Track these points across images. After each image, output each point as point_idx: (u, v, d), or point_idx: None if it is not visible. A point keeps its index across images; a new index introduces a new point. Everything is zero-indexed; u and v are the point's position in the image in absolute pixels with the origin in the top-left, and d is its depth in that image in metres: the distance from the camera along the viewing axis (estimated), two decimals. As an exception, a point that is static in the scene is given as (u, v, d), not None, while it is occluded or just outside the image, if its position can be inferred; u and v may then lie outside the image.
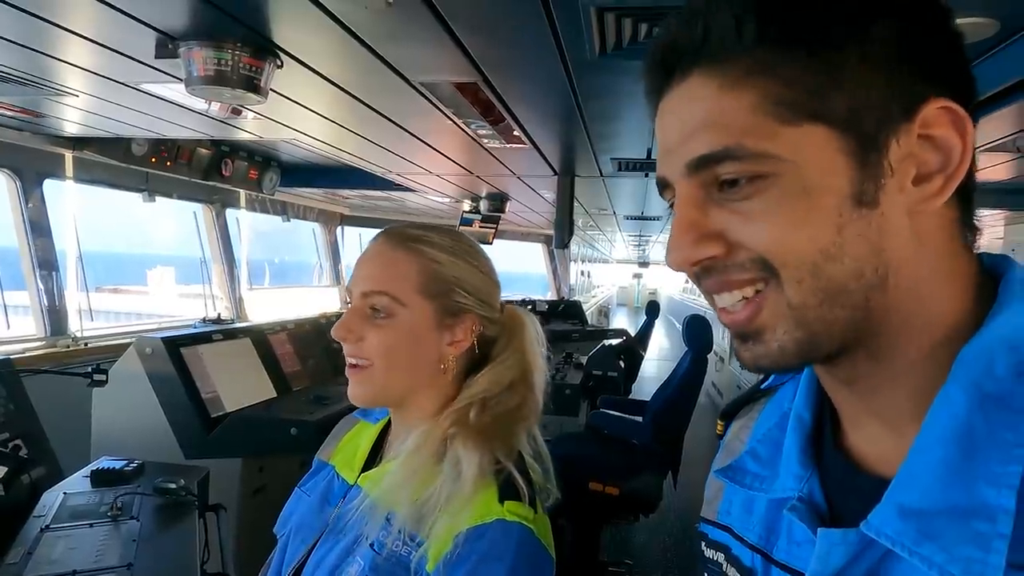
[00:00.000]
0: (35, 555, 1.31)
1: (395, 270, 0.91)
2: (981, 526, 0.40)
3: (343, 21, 1.42)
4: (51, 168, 3.23)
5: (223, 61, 1.58)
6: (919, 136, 0.43)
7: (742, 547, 0.59)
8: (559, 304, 6.86)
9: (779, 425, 0.58)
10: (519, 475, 0.85)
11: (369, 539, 0.84)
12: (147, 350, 2.47)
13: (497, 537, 0.79)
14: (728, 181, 0.45)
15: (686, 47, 0.46)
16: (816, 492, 0.52)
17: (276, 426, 2.49)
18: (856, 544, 0.45)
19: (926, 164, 0.43)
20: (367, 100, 2.15)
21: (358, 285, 0.92)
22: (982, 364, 0.42)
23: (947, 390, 0.43)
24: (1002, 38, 1.36)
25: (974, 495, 0.40)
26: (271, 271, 6.65)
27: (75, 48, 1.68)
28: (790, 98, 0.43)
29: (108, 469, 1.76)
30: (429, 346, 0.91)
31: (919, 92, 0.43)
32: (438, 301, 0.91)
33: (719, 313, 0.49)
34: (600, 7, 1.31)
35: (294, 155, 3.89)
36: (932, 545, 0.41)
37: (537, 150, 2.90)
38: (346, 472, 0.99)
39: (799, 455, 0.54)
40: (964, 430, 0.42)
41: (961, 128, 0.42)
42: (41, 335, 3.28)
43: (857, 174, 0.43)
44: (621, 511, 3.12)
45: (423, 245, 0.92)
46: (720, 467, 0.62)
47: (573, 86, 1.88)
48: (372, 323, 0.90)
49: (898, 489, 0.44)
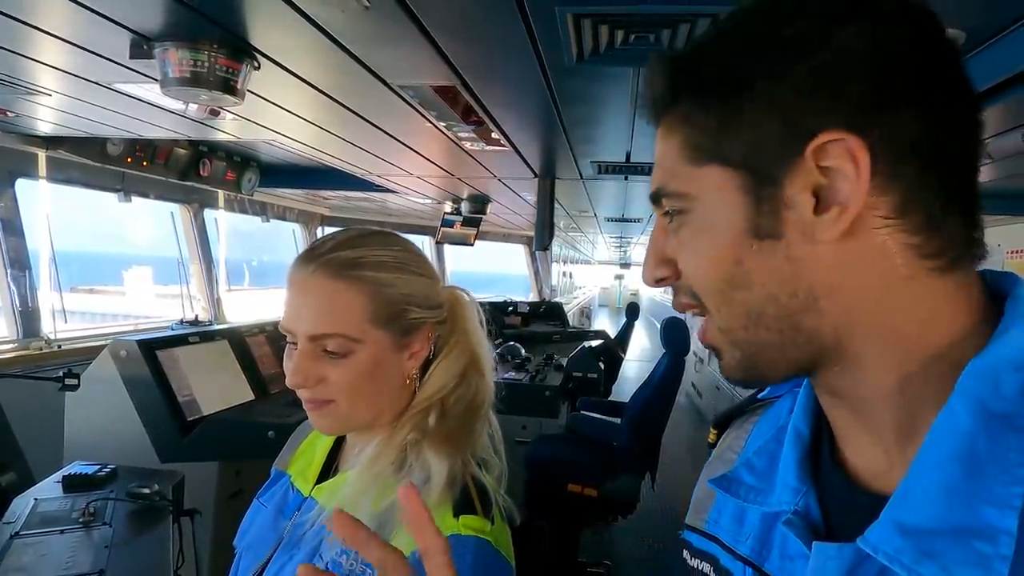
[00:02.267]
0: (4, 562, 1.29)
1: (340, 305, 0.83)
2: (983, 547, 0.39)
3: (320, 24, 1.41)
4: (24, 167, 3.17)
5: (199, 62, 1.57)
6: (820, 168, 0.44)
7: (732, 559, 0.59)
8: (540, 305, 6.87)
9: (776, 438, 0.59)
10: (475, 485, 0.83)
11: (324, 557, 0.81)
12: (122, 353, 2.44)
13: (453, 553, 0.78)
14: (670, 213, 0.51)
15: (650, 101, 0.52)
16: (812, 507, 0.52)
17: (253, 429, 2.46)
18: (851, 560, 0.45)
19: (824, 195, 0.44)
20: (346, 102, 2.14)
21: (300, 326, 0.83)
22: (987, 383, 0.42)
23: (951, 408, 0.43)
24: (968, 49, 1.39)
25: (976, 515, 0.40)
26: (250, 272, 6.59)
27: (48, 48, 1.66)
28: (698, 143, 0.48)
29: (80, 474, 1.73)
30: (391, 370, 0.87)
31: (812, 127, 0.44)
32: (393, 325, 0.85)
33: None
34: (576, 13, 1.32)
35: (274, 155, 3.86)
36: (932, 564, 0.41)
37: (517, 153, 2.90)
38: (300, 483, 0.96)
39: (796, 469, 0.54)
40: (967, 449, 0.41)
41: (852, 157, 0.43)
42: (13, 337, 3.23)
43: (753, 210, 0.46)
44: (600, 512, 3.13)
45: (364, 270, 0.84)
46: (714, 477, 0.62)
47: (552, 91, 1.89)
48: (328, 362, 0.83)
49: (897, 506, 0.44)
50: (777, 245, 0.46)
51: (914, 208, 0.44)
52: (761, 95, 0.45)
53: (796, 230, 0.45)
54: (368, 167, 3.52)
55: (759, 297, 0.47)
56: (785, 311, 0.47)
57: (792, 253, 0.46)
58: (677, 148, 0.49)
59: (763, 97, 0.45)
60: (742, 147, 0.46)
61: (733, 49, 0.48)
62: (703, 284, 0.49)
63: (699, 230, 0.49)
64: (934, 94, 0.44)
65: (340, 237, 0.88)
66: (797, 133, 0.44)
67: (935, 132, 0.44)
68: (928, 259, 0.45)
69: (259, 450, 2.44)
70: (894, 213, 0.44)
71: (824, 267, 0.45)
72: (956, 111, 0.45)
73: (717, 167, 0.47)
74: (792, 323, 0.47)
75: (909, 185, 0.44)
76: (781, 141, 0.45)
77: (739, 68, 0.46)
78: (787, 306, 0.46)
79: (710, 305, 0.49)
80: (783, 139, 0.45)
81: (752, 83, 0.45)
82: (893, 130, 0.43)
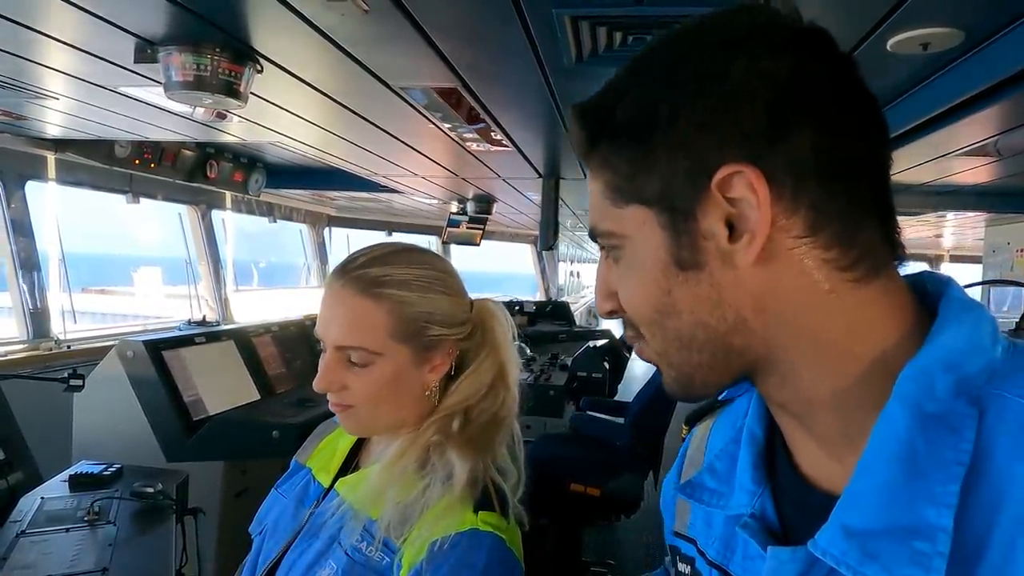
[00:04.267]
0: (10, 560, 1.31)
1: (364, 320, 0.88)
2: (921, 545, 0.41)
3: (321, 28, 1.43)
4: (33, 170, 3.21)
5: (202, 66, 1.58)
6: (727, 199, 0.46)
7: (702, 561, 0.61)
8: (547, 305, 6.85)
9: (735, 440, 0.60)
10: (494, 485, 0.87)
11: (343, 544, 0.85)
12: (128, 353, 2.46)
13: (470, 546, 0.80)
14: (606, 249, 0.54)
15: (576, 148, 0.54)
16: (768, 509, 0.54)
17: (259, 429, 2.48)
18: (804, 562, 0.46)
19: (736, 223, 0.46)
20: (349, 105, 2.16)
21: (328, 335, 0.90)
22: (921, 385, 0.43)
23: (889, 411, 0.44)
24: (967, 48, 1.39)
25: (915, 515, 0.41)
26: (258, 273, 6.63)
27: (56, 53, 1.68)
28: (617, 184, 0.51)
29: (86, 473, 1.76)
30: (411, 381, 0.91)
31: (714, 160, 0.46)
32: (413, 342, 0.90)
33: None
34: (573, 16, 1.32)
35: (280, 157, 3.89)
36: (875, 565, 0.42)
37: (521, 153, 2.91)
38: (322, 476, 1.00)
39: (751, 471, 0.56)
40: (907, 451, 0.43)
41: (751, 187, 0.45)
42: (23, 337, 3.26)
43: (674, 243, 0.48)
44: (603, 512, 3.13)
45: (388, 288, 0.89)
46: (680, 484, 0.64)
47: (552, 91, 1.89)
48: (351, 371, 0.89)
49: (843, 509, 0.45)
50: (701, 274, 0.48)
51: (825, 224, 0.46)
52: (667, 134, 0.47)
53: (716, 259, 0.47)
54: (373, 168, 3.54)
55: (688, 323, 0.49)
56: (715, 333, 0.49)
57: (716, 280, 0.48)
58: (601, 190, 0.52)
59: (669, 136, 0.47)
60: (656, 185, 0.48)
61: (641, 91, 0.49)
62: (637, 314, 0.52)
63: (630, 265, 0.51)
64: (825, 112, 0.46)
65: (372, 253, 0.93)
66: (702, 168, 0.46)
67: (831, 149, 0.45)
68: (846, 271, 0.46)
69: (264, 449, 2.47)
70: (806, 232, 0.46)
71: (747, 290, 0.47)
72: (850, 124, 0.47)
73: (637, 206, 0.49)
74: (723, 344, 0.49)
75: (814, 203, 0.45)
76: (689, 177, 0.47)
77: (646, 109, 0.48)
78: (716, 329, 0.49)
79: (645, 333, 0.52)
80: (690, 175, 0.47)
81: (658, 123, 0.47)
82: (789, 154, 0.45)
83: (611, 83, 0.52)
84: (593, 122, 0.51)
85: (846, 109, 0.47)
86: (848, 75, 0.47)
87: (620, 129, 0.50)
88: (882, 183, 0.48)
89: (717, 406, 0.69)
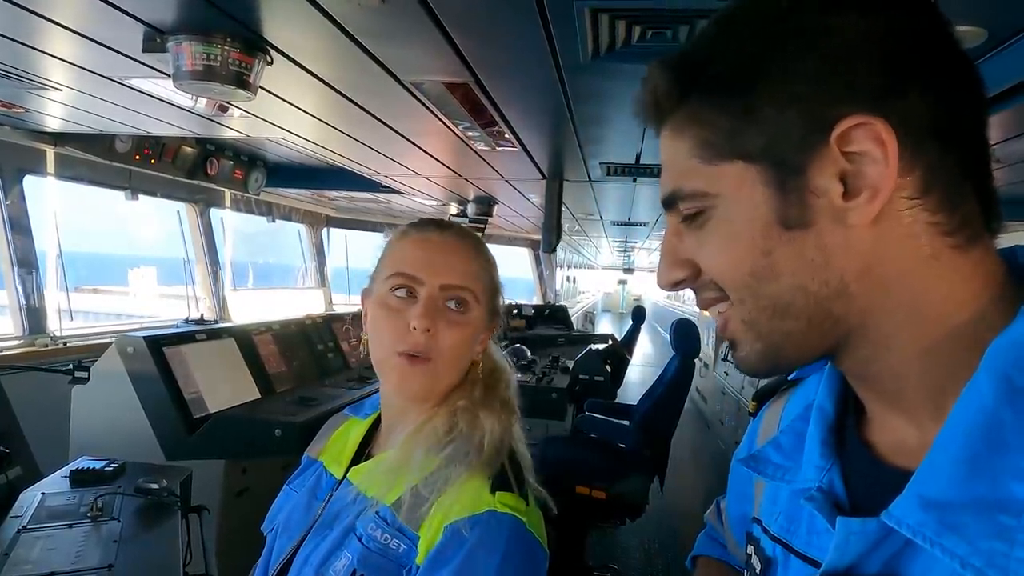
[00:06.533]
0: (12, 556, 1.28)
1: (472, 268, 0.91)
2: (1006, 520, 0.39)
3: (335, 18, 1.40)
4: (32, 164, 3.18)
5: (212, 56, 1.56)
6: (845, 154, 0.44)
7: (766, 538, 0.60)
8: (545, 308, 6.87)
9: (803, 416, 0.60)
10: (511, 465, 0.85)
11: (358, 532, 0.83)
12: (129, 349, 2.43)
13: (488, 528, 0.78)
14: (688, 215, 0.51)
15: (653, 106, 0.52)
16: (837, 483, 0.53)
17: (260, 427, 2.45)
18: (875, 534, 0.45)
19: (852, 180, 0.45)
20: (356, 99, 2.14)
21: (438, 276, 0.87)
22: (1012, 357, 0.42)
23: (976, 382, 0.43)
24: (990, 47, 1.38)
25: (1000, 488, 0.40)
26: (255, 273, 6.59)
27: (60, 40, 1.65)
28: (712, 140, 0.48)
29: (88, 469, 1.72)
30: (474, 345, 0.92)
31: (833, 113, 0.44)
32: (492, 303, 0.94)
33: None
34: (594, 8, 1.31)
35: (280, 155, 3.87)
36: (954, 537, 0.41)
37: (526, 153, 2.90)
38: (334, 468, 0.99)
39: (820, 446, 0.55)
40: (992, 423, 0.41)
41: (879, 140, 0.43)
42: (19, 334, 3.22)
43: (778, 201, 0.47)
44: (607, 515, 3.12)
45: (486, 250, 0.95)
46: (743, 456, 0.63)
47: (564, 88, 1.88)
48: (444, 318, 0.87)
49: (921, 480, 0.44)
50: (807, 234, 0.46)
51: (935, 187, 0.45)
52: (774, 88, 0.46)
53: (826, 217, 0.46)
54: (375, 166, 3.51)
55: (788, 287, 0.47)
56: (815, 299, 0.47)
57: (823, 241, 0.46)
58: (689, 148, 0.50)
59: (776, 90, 0.45)
60: (761, 141, 0.46)
61: (738, 45, 0.48)
62: (728, 279, 0.50)
63: (722, 226, 0.49)
64: (938, 69, 0.45)
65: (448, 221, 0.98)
66: (818, 122, 0.45)
67: (947, 111, 0.45)
68: (949, 236, 0.46)
69: (265, 448, 2.44)
70: (917, 193, 0.45)
71: (856, 252, 0.46)
72: (962, 89, 0.46)
73: (736, 163, 0.47)
74: (821, 311, 0.47)
75: (931, 164, 0.44)
76: (802, 131, 0.45)
77: (748, 63, 0.47)
78: (816, 294, 0.47)
79: (735, 298, 0.50)
80: (804, 129, 0.45)
81: (763, 77, 0.46)
82: (909, 112, 0.44)
83: (699, 39, 0.50)
84: (685, 74, 0.49)
85: (954, 67, 0.46)
86: (955, 42, 0.46)
87: (717, 83, 0.48)
88: (984, 147, 0.47)
89: (786, 385, 0.68)
